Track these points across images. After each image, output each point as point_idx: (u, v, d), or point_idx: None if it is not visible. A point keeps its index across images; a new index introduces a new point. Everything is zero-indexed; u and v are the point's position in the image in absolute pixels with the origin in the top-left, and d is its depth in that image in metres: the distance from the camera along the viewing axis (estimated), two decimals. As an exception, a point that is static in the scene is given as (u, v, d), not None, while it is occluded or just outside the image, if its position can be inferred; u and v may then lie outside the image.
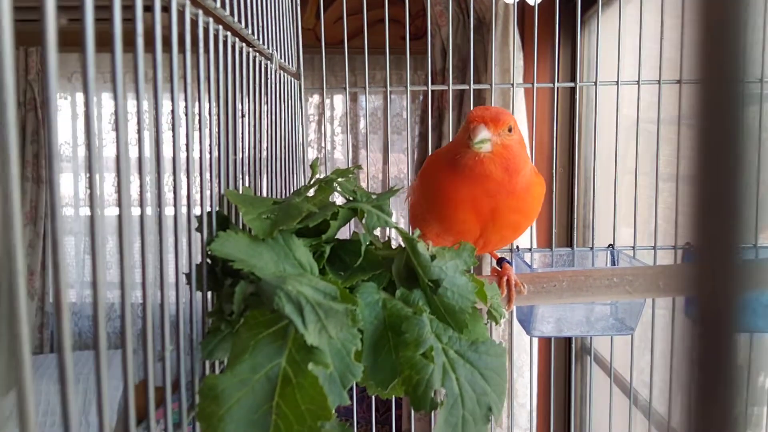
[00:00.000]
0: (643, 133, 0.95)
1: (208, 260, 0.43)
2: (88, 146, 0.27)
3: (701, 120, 0.13)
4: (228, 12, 0.46)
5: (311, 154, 2.48)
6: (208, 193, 0.43)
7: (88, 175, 0.26)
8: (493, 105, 0.99)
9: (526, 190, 0.60)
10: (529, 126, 1.40)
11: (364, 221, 0.46)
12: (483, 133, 0.56)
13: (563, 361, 1.66)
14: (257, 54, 0.56)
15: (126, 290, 0.30)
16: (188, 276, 0.41)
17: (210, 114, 0.42)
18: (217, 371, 0.48)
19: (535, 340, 1.40)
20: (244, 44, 0.50)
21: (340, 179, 0.48)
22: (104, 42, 0.29)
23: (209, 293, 0.44)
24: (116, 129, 0.30)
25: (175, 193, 0.38)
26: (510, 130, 0.58)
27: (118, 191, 0.30)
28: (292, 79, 0.76)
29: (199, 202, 0.42)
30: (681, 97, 0.91)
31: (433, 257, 0.46)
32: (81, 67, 0.27)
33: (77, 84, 2.43)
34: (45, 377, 2.08)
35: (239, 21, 0.49)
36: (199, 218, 0.42)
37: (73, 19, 0.27)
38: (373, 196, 0.49)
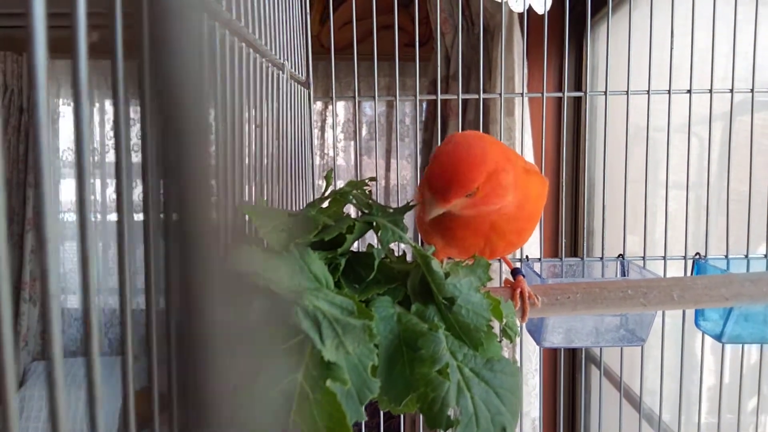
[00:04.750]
0: (651, 141, 0.95)
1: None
2: (117, 150, 0.26)
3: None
4: (243, 23, 0.45)
5: (314, 160, 2.48)
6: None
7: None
8: (500, 113, 0.99)
9: (524, 199, 0.58)
10: (535, 135, 1.39)
11: (379, 235, 0.46)
12: (434, 211, 0.53)
13: (568, 370, 1.66)
14: (270, 64, 0.55)
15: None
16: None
17: (227, 125, 0.41)
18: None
19: (541, 349, 1.39)
20: (257, 55, 0.50)
21: (355, 191, 0.48)
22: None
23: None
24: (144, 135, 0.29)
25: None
26: (471, 195, 0.52)
27: (140, 197, 0.29)
28: (302, 87, 0.76)
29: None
30: (691, 106, 0.91)
31: (447, 274, 0.46)
32: (99, 76, 0.27)
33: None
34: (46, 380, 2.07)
35: (252, 32, 0.49)
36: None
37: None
38: (389, 210, 0.48)
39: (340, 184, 0.86)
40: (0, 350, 0.18)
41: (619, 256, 0.92)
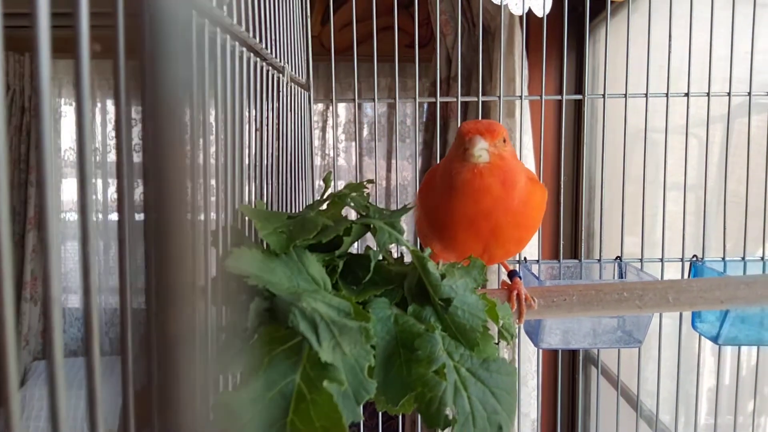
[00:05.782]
0: (650, 144, 0.95)
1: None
2: (120, 151, 0.27)
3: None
4: (243, 28, 0.46)
5: (315, 161, 2.49)
6: (222, 207, 0.43)
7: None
8: (500, 115, 0.99)
9: (524, 203, 0.59)
10: (535, 137, 1.40)
11: (376, 237, 0.47)
12: (480, 143, 0.54)
13: (567, 371, 1.66)
14: (270, 67, 0.56)
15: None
16: (204, 290, 0.41)
17: (227, 128, 0.42)
18: (230, 386, 0.48)
19: (540, 351, 1.40)
20: (258, 59, 0.50)
21: (353, 194, 0.49)
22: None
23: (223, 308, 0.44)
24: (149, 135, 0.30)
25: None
26: (504, 142, 0.57)
27: (149, 197, 0.30)
28: (302, 90, 0.77)
29: (214, 216, 0.42)
30: (689, 108, 0.91)
31: (443, 276, 0.46)
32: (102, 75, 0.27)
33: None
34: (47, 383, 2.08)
35: (254, 36, 0.50)
36: (215, 233, 0.42)
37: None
38: (386, 212, 0.49)
39: (341, 183, 0.87)
40: (3, 351, 0.19)
41: (616, 258, 0.92)
